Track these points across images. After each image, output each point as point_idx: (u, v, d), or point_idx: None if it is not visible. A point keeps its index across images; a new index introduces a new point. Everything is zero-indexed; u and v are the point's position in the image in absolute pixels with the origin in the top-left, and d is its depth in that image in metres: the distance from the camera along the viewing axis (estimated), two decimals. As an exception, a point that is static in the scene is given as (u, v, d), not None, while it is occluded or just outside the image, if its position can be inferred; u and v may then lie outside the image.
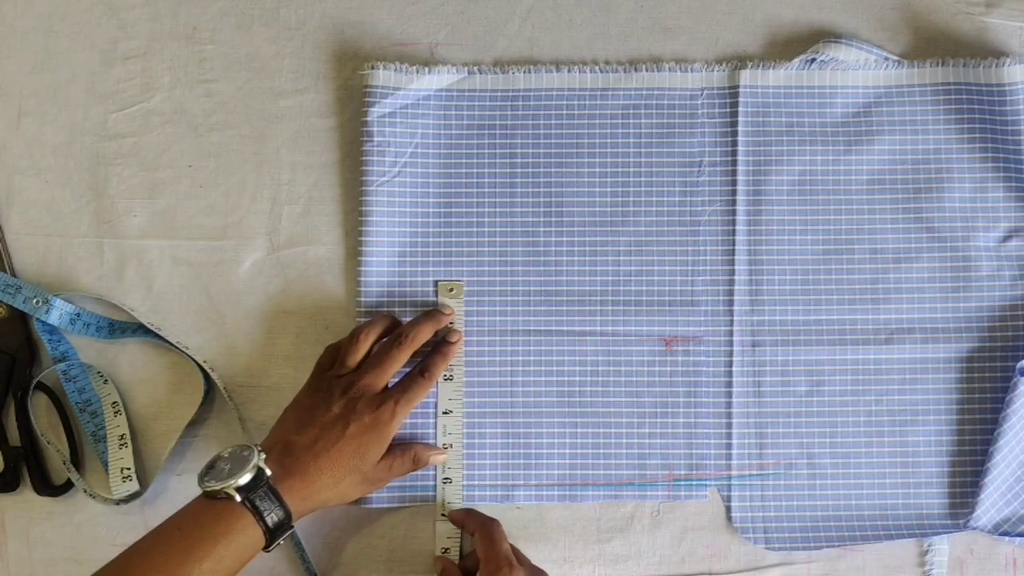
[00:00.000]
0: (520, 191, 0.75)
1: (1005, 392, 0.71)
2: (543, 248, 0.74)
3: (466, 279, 0.74)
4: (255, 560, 0.63)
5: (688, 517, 0.73)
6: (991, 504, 0.71)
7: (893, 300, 0.74)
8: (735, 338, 0.74)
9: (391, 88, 0.74)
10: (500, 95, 0.75)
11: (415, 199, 0.75)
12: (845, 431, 0.73)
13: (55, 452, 0.73)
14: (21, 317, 0.74)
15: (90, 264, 0.75)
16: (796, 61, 0.74)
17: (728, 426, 0.73)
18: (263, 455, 0.64)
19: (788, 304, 0.74)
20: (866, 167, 0.74)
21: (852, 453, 0.73)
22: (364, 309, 0.74)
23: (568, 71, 0.75)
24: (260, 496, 0.62)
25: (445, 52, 0.76)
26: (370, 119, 0.74)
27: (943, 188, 0.74)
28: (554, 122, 0.75)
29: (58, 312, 0.73)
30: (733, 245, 0.74)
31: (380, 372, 0.68)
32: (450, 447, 0.73)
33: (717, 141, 0.75)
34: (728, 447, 0.73)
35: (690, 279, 0.74)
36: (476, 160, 0.75)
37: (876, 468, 0.73)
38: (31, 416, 0.73)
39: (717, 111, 0.75)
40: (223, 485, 0.62)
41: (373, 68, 0.74)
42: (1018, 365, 0.71)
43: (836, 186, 0.74)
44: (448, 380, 0.73)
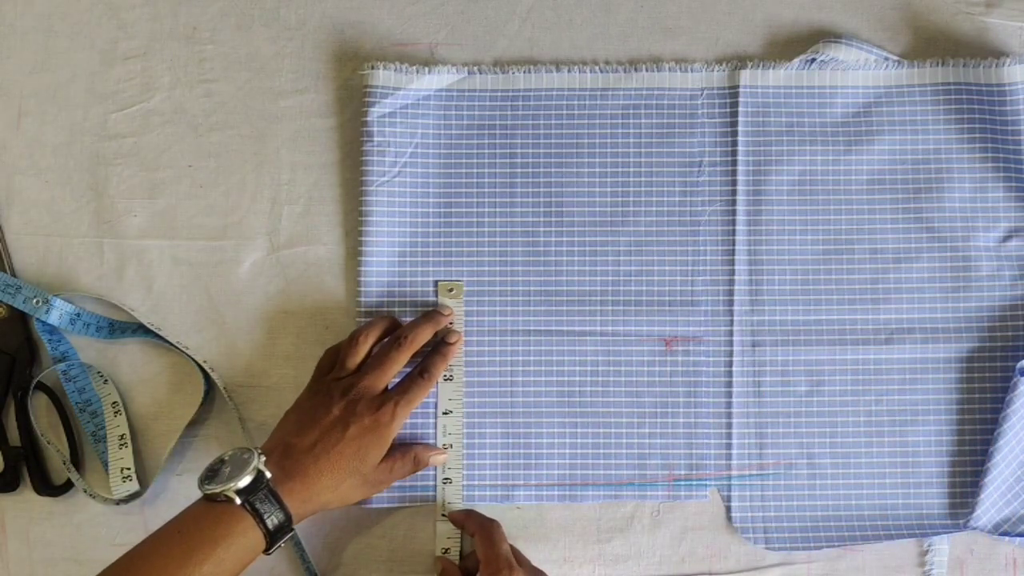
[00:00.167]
0: (520, 191, 0.75)
1: (1005, 392, 0.71)
2: (543, 248, 0.74)
3: (466, 279, 0.74)
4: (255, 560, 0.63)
5: (688, 517, 0.73)
6: (991, 504, 0.71)
7: (893, 300, 0.74)
8: (735, 338, 0.74)
9: (391, 88, 0.74)
10: (500, 95, 0.75)
11: (415, 199, 0.75)
12: (845, 431, 0.73)
13: (55, 452, 0.73)
14: (21, 317, 0.74)
15: (90, 264, 0.75)
16: (796, 61, 0.74)
17: (728, 426, 0.73)
18: (263, 458, 0.64)
19: (788, 304, 0.74)
20: (866, 167, 0.74)
21: (852, 453, 0.73)
22: (364, 309, 0.74)
23: (568, 71, 0.75)
24: (260, 499, 0.62)
25: (445, 52, 0.76)
26: (370, 119, 0.74)
27: (943, 188, 0.74)
28: (554, 122, 0.75)
29: (58, 312, 0.73)
30: (733, 245, 0.74)
31: (380, 374, 0.68)
32: (450, 447, 0.73)
33: (717, 141, 0.75)
34: (728, 447, 0.73)
35: (690, 279, 0.74)
36: (476, 160, 0.75)
37: (876, 468, 0.73)
38: (31, 416, 0.73)
39: (717, 111, 0.75)
40: (223, 488, 0.62)
41: (373, 68, 0.74)
42: (1018, 365, 0.71)
43: (836, 186, 0.74)
44: (448, 380, 0.73)
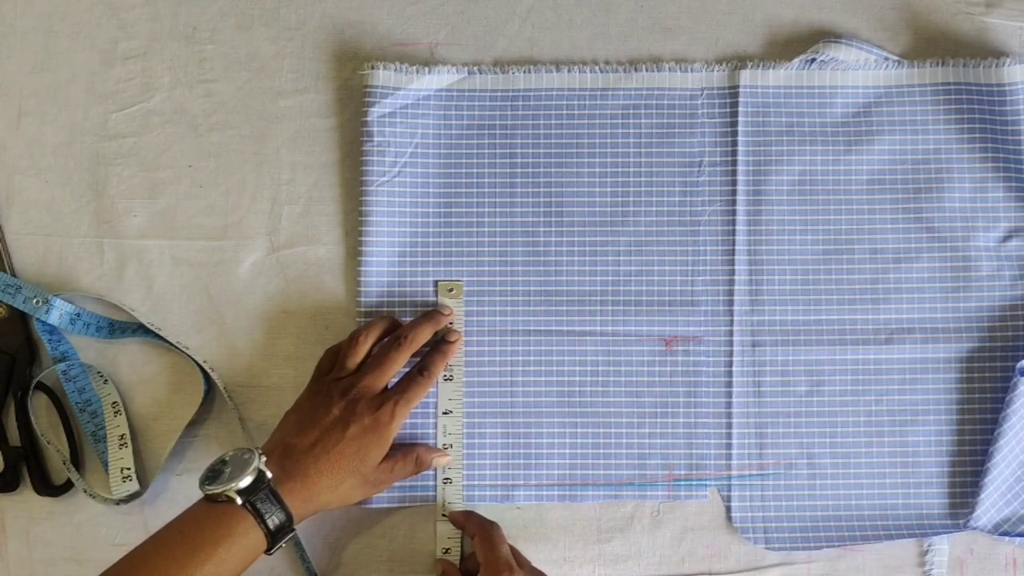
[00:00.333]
0: (520, 191, 0.75)
1: (1005, 392, 0.71)
2: (543, 248, 0.74)
3: (466, 279, 0.74)
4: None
5: (688, 517, 0.73)
6: (991, 504, 0.71)
7: (893, 300, 0.74)
8: (735, 338, 0.74)
9: (391, 88, 0.74)
10: (500, 95, 0.75)
11: (415, 199, 0.75)
12: (845, 431, 0.73)
13: (55, 452, 0.73)
14: (21, 317, 0.74)
15: (90, 264, 0.75)
16: (796, 61, 0.74)
17: (728, 426, 0.73)
18: (264, 458, 0.64)
19: (788, 304, 0.74)
20: (866, 167, 0.74)
21: (852, 453, 0.73)
22: (364, 309, 0.74)
23: (568, 71, 0.75)
24: (261, 499, 0.62)
25: (445, 52, 0.76)
26: (370, 119, 0.74)
27: (943, 188, 0.74)
28: (554, 122, 0.75)
29: (58, 312, 0.73)
30: (733, 245, 0.74)
31: (379, 373, 0.68)
32: (450, 447, 0.73)
33: (717, 141, 0.75)
34: (728, 447, 0.73)
35: (690, 279, 0.74)
36: (476, 160, 0.75)
37: (876, 468, 0.73)
38: (31, 416, 0.73)
39: (717, 111, 0.75)
40: (224, 488, 0.62)
41: (373, 68, 0.74)
42: (1018, 365, 0.71)
43: (836, 186, 0.74)
44: (448, 380, 0.73)
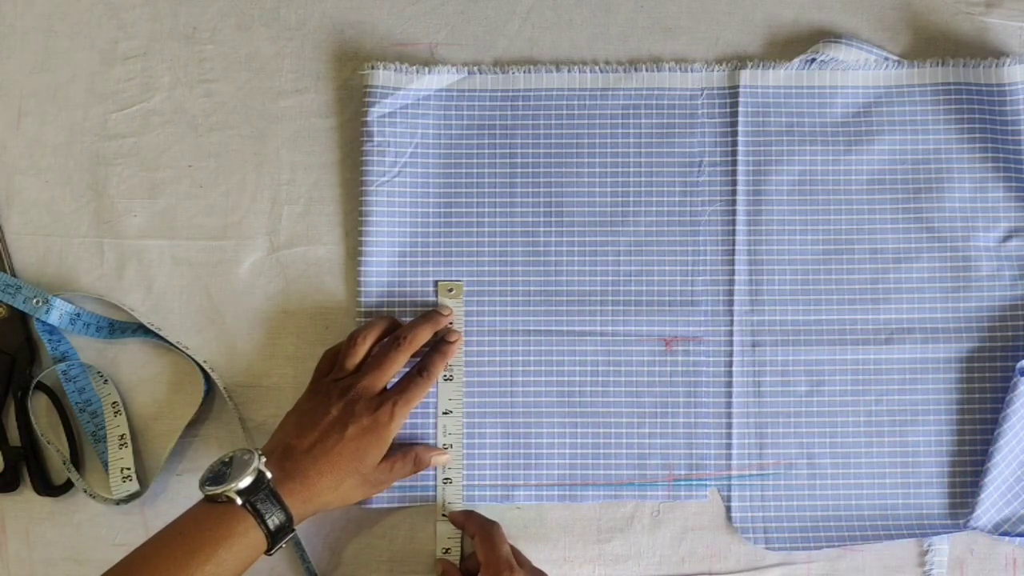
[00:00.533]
0: (520, 191, 0.75)
1: (1005, 392, 0.71)
2: (543, 248, 0.74)
3: (466, 279, 0.74)
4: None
5: (688, 517, 0.73)
6: (991, 504, 0.71)
7: (893, 300, 0.74)
8: (735, 338, 0.74)
9: (391, 88, 0.74)
10: (500, 95, 0.75)
11: (415, 199, 0.75)
12: (845, 431, 0.73)
13: (55, 452, 0.73)
14: (21, 317, 0.74)
15: (90, 264, 0.75)
16: (796, 61, 0.74)
17: (728, 426, 0.73)
18: (263, 458, 0.64)
19: (788, 304, 0.74)
20: (866, 167, 0.74)
21: (852, 453, 0.73)
22: (364, 309, 0.74)
23: (568, 71, 0.75)
24: (261, 499, 0.62)
25: (445, 52, 0.76)
26: (370, 119, 0.74)
27: (943, 188, 0.74)
28: (554, 122, 0.75)
29: (58, 312, 0.73)
30: (733, 245, 0.74)
31: (378, 374, 0.68)
32: (450, 447, 0.73)
33: (717, 141, 0.75)
34: (728, 447, 0.73)
35: (690, 279, 0.74)
36: (476, 160, 0.75)
37: (876, 468, 0.73)
38: (31, 416, 0.73)
39: (717, 111, 0.75)
40: (224, 489, 0.62)
41: (373, 68, 0.74)
42: (1018, 365, 0.71)
43: (836, 186, 0.74)
44: (448, 380, 0.73)
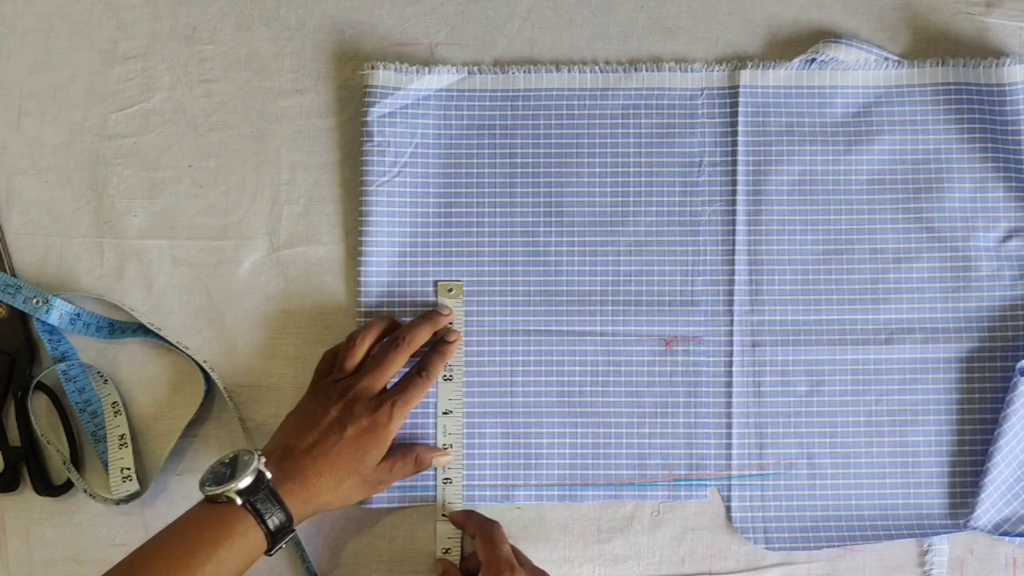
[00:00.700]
0: (520, 191, 0.75)
1: (1005, 392, 0.71)
2: (543, 248, 0.74)
3: (466, 279, 0.74)
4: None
5: (688, 517, 0.73)
6: (991, 504, 0.71)
7: (893, 300, 0.74)
8: (735, 338, 0.74)
9: (391, 88, 0.74)
10: (500, 95, 0.75)
11: (415, 199, 0.75)
12: (845, 431, 0.73)
13: (55, 452, 0.73)
14: (21, 317, 0.74)
15: (90, 264, 0.75)
16: (796, 61, 0.74)
17: (728, 426, 0.73)
18: (263, 459, 0.64)
19: (788, 304, 0.74)
20: (866, 167, 0.74)
21: (852, 453, 0.73)
22: (364, 309, 0.73)
23: (568, 71, 0.75)
24: (261, 499, 0.62)
25: (445, 52, 0.76)
26: (370, 119, 0.74)
27: (943, 188, 0.74)
28: (554, 122, 0.75)
29: (58, 312, 0.73)
30: (733, 245, 0.74)
31: (378, 374, 0.68)
32: (450, 447, 0.73)
33: (717, 141, 0.75)
34: (728, 447, 0.73)
35: (690, 279, 0.74)
36: (476, 160, 0.75)
37: (876, 468, 0.73)
38: (31, 416, 0.73)
39: (717, 111, 0.75)
40: (224, 489, 0.62)
41: (373, 68, 0.74)
42: (1018, 365, 0.71)
43: (836, 186, 0.74)
44: (448, 380, 0.73)
